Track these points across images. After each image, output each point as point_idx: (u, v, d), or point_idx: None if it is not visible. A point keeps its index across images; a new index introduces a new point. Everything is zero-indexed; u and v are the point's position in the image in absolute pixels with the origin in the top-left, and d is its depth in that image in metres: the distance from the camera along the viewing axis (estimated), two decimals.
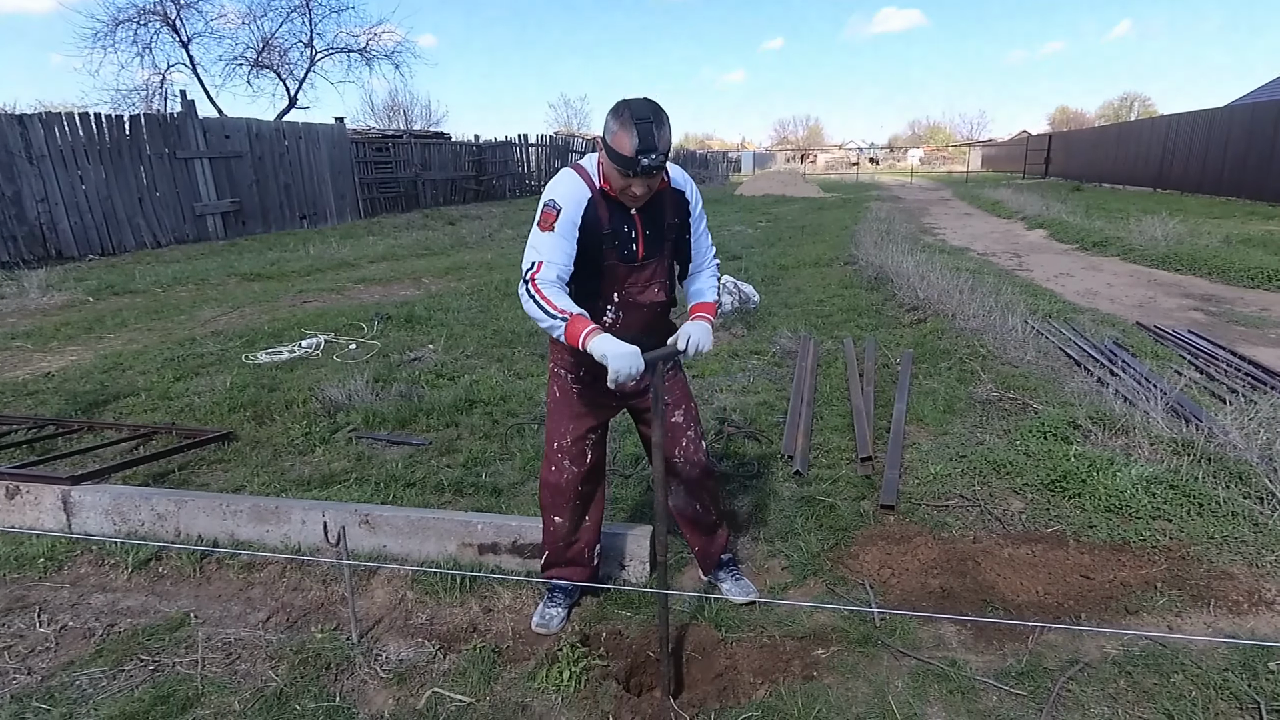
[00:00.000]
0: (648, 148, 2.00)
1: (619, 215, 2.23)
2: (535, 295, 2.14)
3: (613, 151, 2.05)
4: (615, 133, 2.03)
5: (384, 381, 5.22)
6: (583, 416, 2.52)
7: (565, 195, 2.18)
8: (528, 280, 2.16)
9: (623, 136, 2.02)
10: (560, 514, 2.60)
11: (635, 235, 2.26)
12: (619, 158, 2.04)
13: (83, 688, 2.35)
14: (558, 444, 2.53)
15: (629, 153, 2.01)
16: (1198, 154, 19.85)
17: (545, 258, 2.16)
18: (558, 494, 2.58)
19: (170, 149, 12.77)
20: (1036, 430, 3.72)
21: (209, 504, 3.20)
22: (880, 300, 7.74)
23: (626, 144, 2.01)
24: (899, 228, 14.38)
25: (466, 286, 9.30)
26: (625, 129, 2.01)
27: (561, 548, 2.64)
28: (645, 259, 2.30)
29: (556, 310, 2.11)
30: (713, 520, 2.72)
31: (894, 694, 2.22)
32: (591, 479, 2.60)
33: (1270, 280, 8.38)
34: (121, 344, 6.70)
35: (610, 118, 2.06)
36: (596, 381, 2.45)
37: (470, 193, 21.66)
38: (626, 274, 2.30)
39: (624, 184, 2.11)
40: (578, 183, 2.21)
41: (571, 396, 2.51)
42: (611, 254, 2.25)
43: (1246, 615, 2.48)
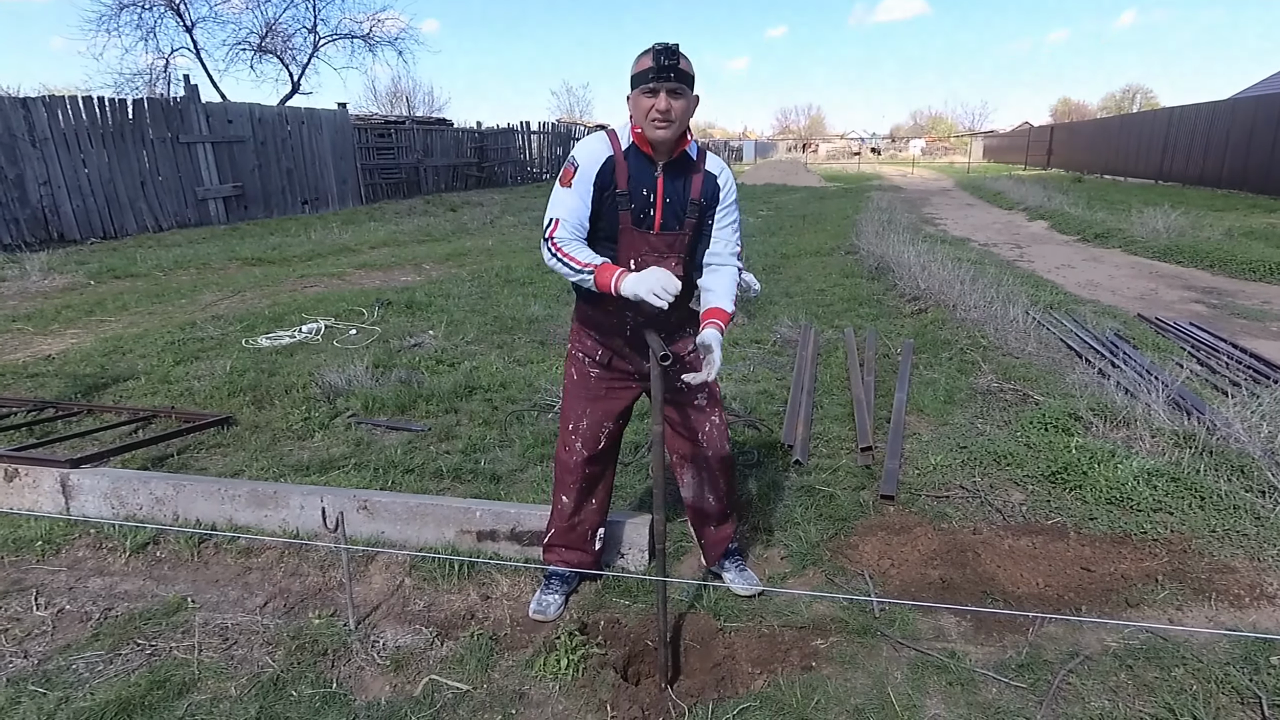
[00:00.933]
0: (663, 51, 2.07)
1: (640, 178, 2.23)
2: (557, 253, 2.21)
3: (634, 76, 2.13)
4: (636, 61, 2.13)
5: (384, 367, 5.21)
6: (599, 400, 2.52)
7: (585, 153, 2.22)
8: (547, 239, 2.22)
9: (643, 59, 2.11)
10: (566, 493, 2.61)
11: (654, 201, 2.25)
12: (639, 74, 2.11)
13: (79, 671, 2.34)
14: (572, 425, 2.53)
15: (648, 63, 2.08)
16: (1199, 147, 19.74)
17: (561, 215, 2.22)
18: (566, 473, 2.59)
19: (173, 133, 12.72)
20: (1037, 421, 3.70)
21: (207, 488, 3.19)
22: (881, 290, 7.71)
23: (645, 59, 2.10)
24: (900, 218, 14.33)
25: (467, 273, 9.27)
26: (645, 55, 2.11)
27: (565, 528, 2.64)
28: (662, 229, 2.28)
29: (580, 264, 2.18)
30: (724, 511, 2.69)
31: (893, 685, 2.21)
32: (600, 461, 2.59)
33: (1272, 273, 8.35)
34: (122, 327, 6.68)
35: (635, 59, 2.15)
36: (614, 366, 2.48)
37: (472, 179, 21.59)
38: (642, 241, 2.28)
39: (649, 105, 2.11)
40: (601, 141, 2.24)
41: (589, 380, 2.51)
42: (627, 217, 2.25)
43: (1248, 609, 2.47)
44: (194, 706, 2.19)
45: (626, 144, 2.23)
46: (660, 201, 2.25)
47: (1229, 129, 18.27)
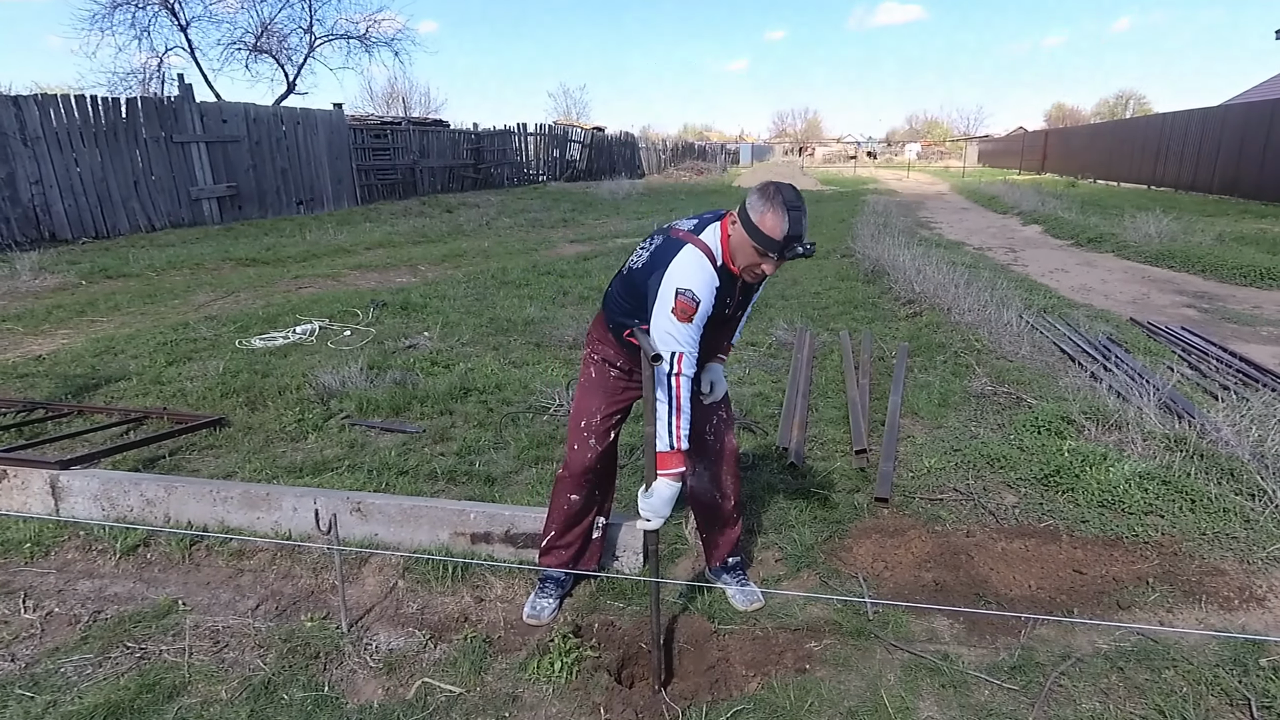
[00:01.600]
0: (797, 235, 2.08)
1: (727, 291, 2.29)
2: (676, 394, 2.18)
3: (758, 231, 2.09)
4: (763, 213, 2.09)
5: (378, 368, 5.19)
6: (615, 398, 2.57)
7: (702, 287, 2.18)
8: (673, 370, 2.17)
9: (773, 218, 2.07)
10: (578, 491, 2.62)
11: (730, 304, 2.36)
12: (765, 239, 2.09)
13: (67, 675, 2.33)
14: (586, 422, 2.56)
15: (778, 236, 2.07)
16: (1191, 152, 19.86)
17: (686, 350, 2.19)
18: (581, 471, 2.59)
19: (167, 132, 12.65)
20: (1031, 425, 3.71)
21: (199, 490, 3.17)
22: (877, 293, 7.73)
23: (777, 227, 2.07)
24: (896, 221, 14.38)
25: (463, 274, 9.26)
26: (776, 212, 2.07)
27: (571, 523, 2.66)
28: (731, 317, 2.41)
29: (678, 427, 2.19)
30: (729, 511, 2.69)
31: (886, 687, 2.21)
32: (609, 455, 2.64)
33: (1262, 278, 8.42)
34: (114, 327, 6.65)
35: (757, 197, 2.12)
36: (630, 373, 2.55)
37: (468, 181, 21.55)
38: (719, 324, 2.37)
39: (757, 262, 2.16)
40: (708, 270, 2.21)
41: (608, 379, 2.57)
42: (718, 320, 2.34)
43: (1237, 611, 2.49)
44: (184, 710, 2.18)
45: (719, 263, 2.25)
46: (738, 299, 2.38)
47: (1221, 135, 18.40)
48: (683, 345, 2.18)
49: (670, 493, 2.20)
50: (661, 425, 2.17)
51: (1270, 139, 16.22)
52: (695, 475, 2.65)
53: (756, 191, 2.14)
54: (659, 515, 2.21)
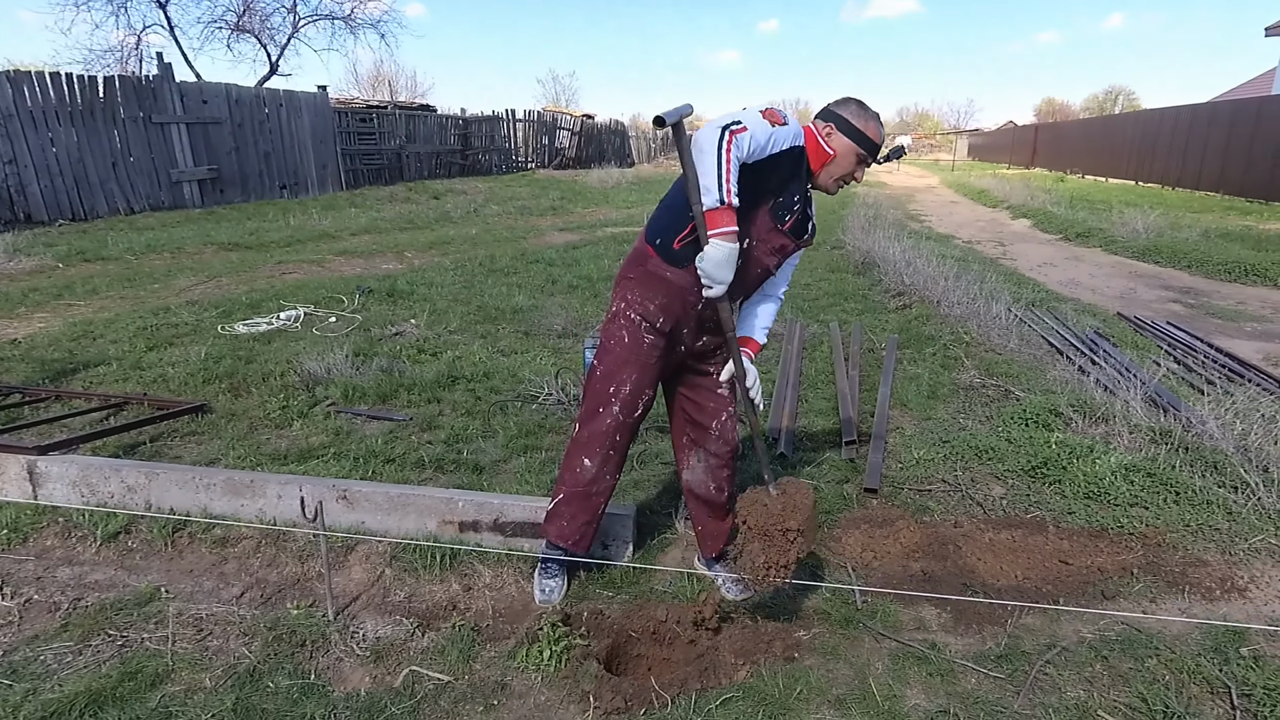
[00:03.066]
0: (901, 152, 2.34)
1: (799, 184, 2.30)
2: (724, 150, 1.99)
3: (862, 136, 2.24)
4: (866, 120, 2.25)
5: (364, 356, 5.14)
6: (650, 367, 2.41)
7: (793, 123, 2.21)
8: (728, 129, 2.00)
9: (874, 126, 2.25)
10: (590, 456, 2.47)
11: (795, 209, 2.32)
12: (868, 143, 2.25)
13: (47, 662, 2.29)
14: (615, 389, 2.41)
15: (879, 140, 2.26)
16: (1179, 149, 19.98)
17: (751, 130, 2.05)
18: (595, 436, 2.45)
19: (145, 113, 12.42)
20: (1018, 417, 3.74)
21: (181, 476, 3.13)
22: (867, 285, 7.75)
23: (877, 132, 2.26)
24: (886, 214, 14.39)
25: (451, 261, 9.20)
26: (873, 121, 2.26)
27: (579, 493, 2.51)
28: (790, 231, 2.34)
29: (726, 182, 1.99)
30: (724, 503, 2.65)
31: (874, 676, 2.22)
32: (633, 432, 2.51)
33: (1247, 274, 8.52)
34: (92, 312, 6.55)
35: (855, 108, 2.26)
36: (670, 335, 2.40)
37: (456, 167, 21.36)
38: (768, 229, 2.30)
39: (852, 169, 2.29)
40: (798, 133, 2.24)
41: (641, 345, 2.39)
42: (769, 200, 2.26)
43: (1219, 601, 2.51)
44: (167, 698, 2.15)
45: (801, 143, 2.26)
46: (796, 215, 2.33)
47: (1208, 132, 18.49)
48: (750, 124, 2.05)
49: (723, 254, 2.01)
50: (710, 178, 1.98)
51: (1257, 136, 16.33)
52: (690, 469, 2.63)
53: (849, 104, 2.27)
54: (719, 281, 2.05)
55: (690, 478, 2.63)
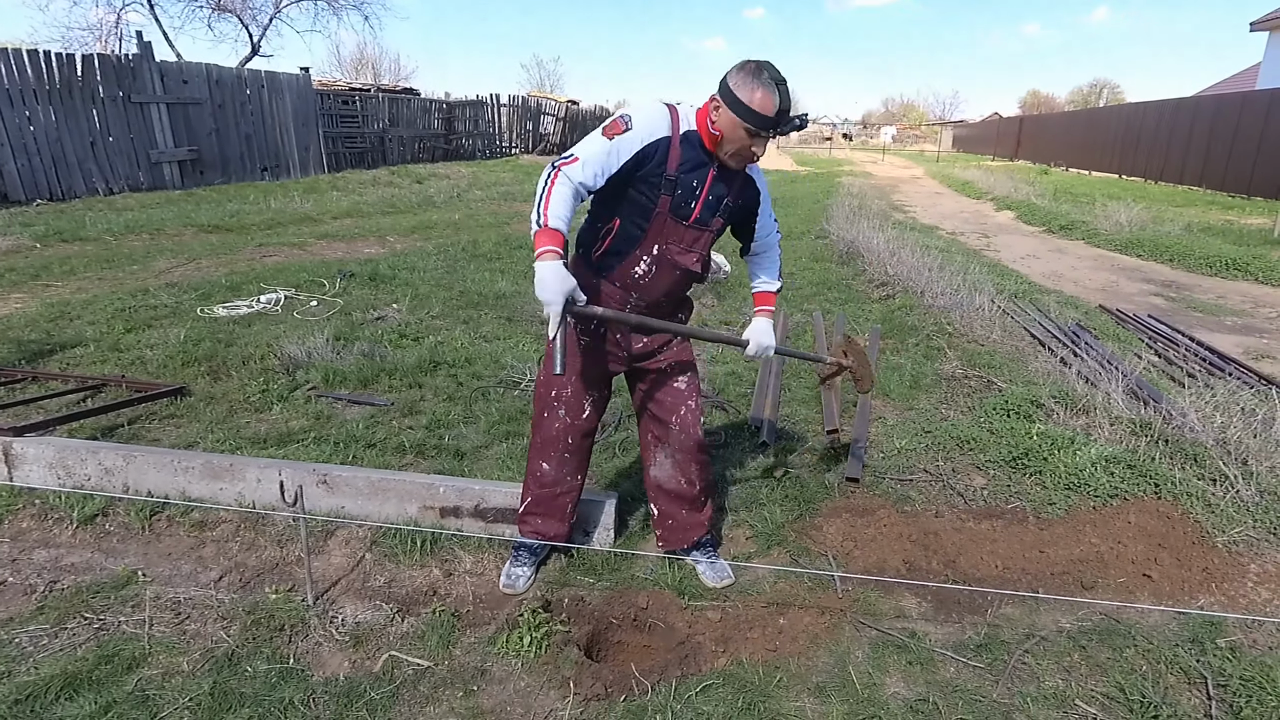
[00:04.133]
0: (787, 106, 2.00)
1: (694, 166, 2.16)
2: (549, 184, 2.05)
3: (745, 109, 2.00)
4: (749, 89, 2.00)
5: (345, 340, 5.09)
6: (589, 368, 2.45)
7: (642, 121, 2.11)
8: (555, 165, 2.07)
9: (763, 94, 1.99)
10: (547, 460, 2.53)
11: (699, 195, 2.20)
12: (755, 115, 2.00)
13: (22, 645, 2.26)
14: (556, 391, 2.46)
15: (769, 110, 2.00)
16: (1162, 143, 20.11)
17: (585, 156, 2.07)
18: (548, 440, 2.51)
19: (125, 92, 12.18)
20: (1000, 408, 3.76)
21: (159, 459, 3.09)
22: (850, 275, 7.76)
23: (766, 101, 1.99)
24: (871, 204, 14.43)
25: (433, 246, 9.11)
26: (766, 87, 1.99)
27: (545, 495, 2.57)
28: (696, 222, 2.24)
29: (545, 210, 2.03)
30: (696, 495, 2.63)
31: (854, 664, 2.23)
32: (585, 435, 2.53)
33: (1228, 268, 8.61)
34: (70, 292, 6.44)
35: (743, 74, 2.02)
36: (605, 339, 2.43)
37: (439, 151, 21.17)
38: (673, 230, 2.23)
39: (746, 143, 2.08)
40: (661, 119, 2.13)
41: (579, 347, 2.44)
42: (668, 202, 2.18)
43: (1198, 593, 2.54)
44: (144, 681, 2.13)
45: (687, 128, 2.14)
46: (704, 196, 2.21)
47: (1192, 126, 18.60)
48: (584, 152, 2.07)
49: (547, 272, 1.98)
50: (534, 211, 2.05)
51: (1239, 131, 16.44)
52: (657, 464, 2.61)
53: (737, 71, 2.04)
54: (548, 302, 1.99)
55: (658, 474, 2.62)
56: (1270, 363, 5.24)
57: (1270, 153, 15.35)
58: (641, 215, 2.20)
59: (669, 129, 2.13)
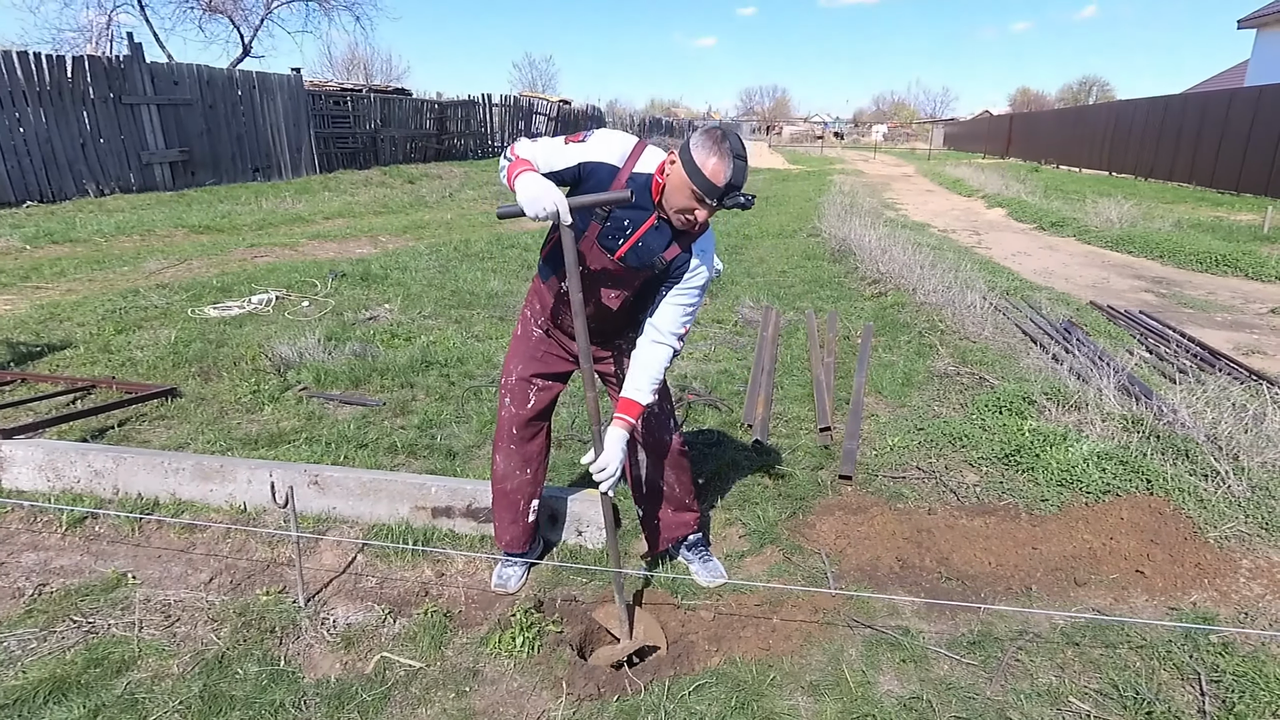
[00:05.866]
0: (738, 183, 1.96)
1: (630, 210, 2.11)
2: (509, 150, 2.12)
3: (697, 172, 1.95)
4: (705, 154, 1.95)
5: (337, 340, 5.07)
6: (534, 360, 2.47)
7: (599, 142, 2.12)
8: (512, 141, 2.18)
9: (717, 163, 1.94)
10: (499, 453, 2.57)
11: (630, 235, 2.15)
12: (704, 181, 1.95)
13: (10, 649, 2.25)
14: (505, 380, 2.51)
15: (718, 181, 1.95)
16: (1152, 139, 20.17)
17: (542, 147, 2.13)
18: (497, 432, 2.56)
19: (115, 93, 12.12)
20: (993, 404, 3.76)
21: (149, 461, 3.07)
22: (842, 273, 7.76)
23: (717, 171, 1.94)
24: (862, 202, 14.44)
25: (425, 246, 9.09)
26: (722, 158, 1.94)
27: (499, 490, 2.58)
28: (622, 260, 2.17)
29: (511, 153, 2.10)
30: (678, 495, 2.62)
31: (847, 661, 2.23)
32: (530, 427, 2.52)
33: (1217, 265, 8.63)
34: (59, 294, 6.41)
35: (706, 139, 1.98)
36: (553, 336, 2.45)
37: (431, 151, 21.09)
38: (598, 260, 2.18)
39: (691, 207, 2.02)
40: (619, 149, 2.12)
41: (530, 338, 2.48)
42: (596, 228, 2.15)
43: (1190, 588, 2.54)
44: (134, 685, 2.12)
45: (644, 170, 2.10)
46: (635, 238, 2.15)
47: (1180, 123, 18.67)
48: (542, 145, 2.14)
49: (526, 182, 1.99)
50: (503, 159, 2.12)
51: (1228, 128, 16.51)
52: (634, 464, 2.60)
53: (702, 134, 2.00)
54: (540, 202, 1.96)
55: (637, 475, 2.62)
56: (1260, 358, 5.26)
57: (1258, 149, 15.42)
58: (575, 236, 2.13)
59: (620, 160, 2.10)
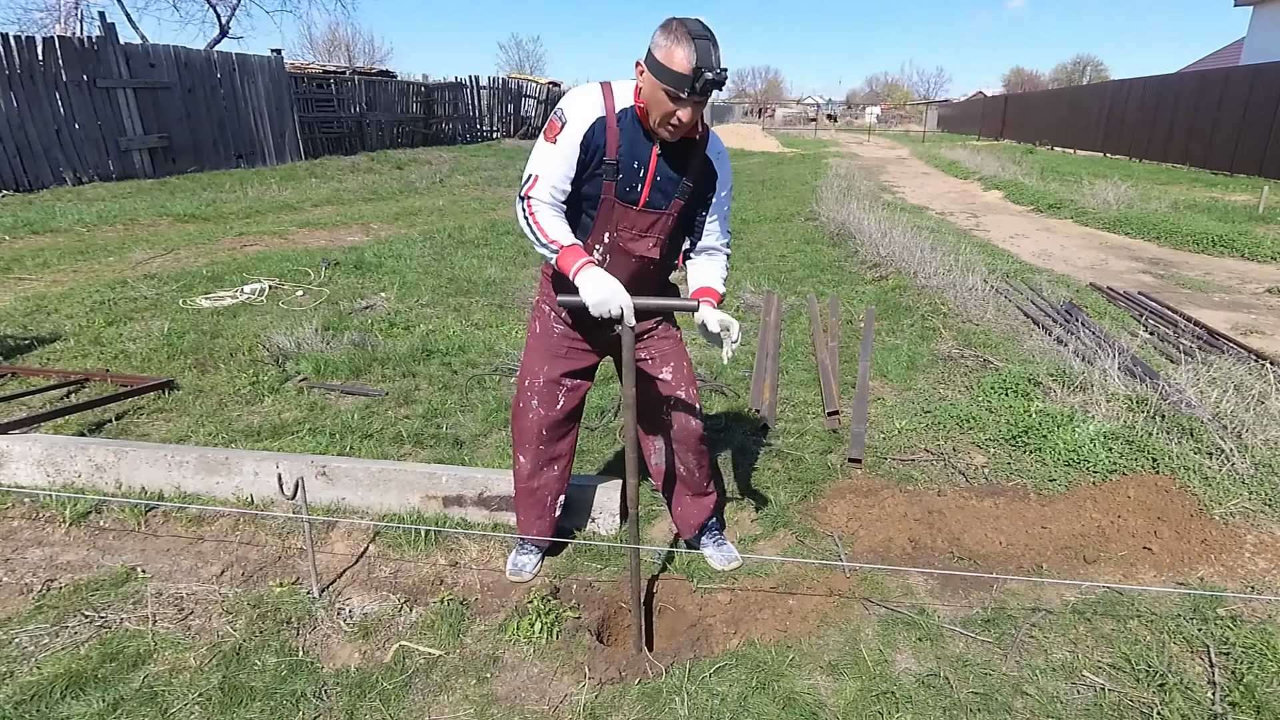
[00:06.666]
0: (706, 64, 1.81)
1: (634, 148, 2.04)
2: (529, 217, 2.06)
3: (662, 69, 1.84)
4: (666, 48, 1.83)
5: (334, 330, 5.02)
6: (559, 359, 2.39)
7: (574, 108, 2.02)
8: (523, 197, 2.07)
9: (677, 51, 1.82)
10: (524, 454, 2.50)
11: (644, 175, 2.07)
12: (671, 75, 1.83)
13: (23, 645, 2.22)
14: (529, 382, 2.41)
15: (685, 69, 1.81)
16: (1147, 120, 20.07)
17: (540, 172, 2.05)
18: (522, 433, 2.47)
19: (89, 77, 11.78)
20: (998, 386, 3.77)
21: (152, 454, 3.03)
22: (842, 256, 7.76)
23: (683, 60, 1.81)
24: (859, 185, 14.40)
25: (418, 233, 9.01)
26: (680, 44, 1.82)
27: (524, 490, 2.54)
28: (648, 206, 2.10)
29: (547, 239, 2.04)
30: (699, 482, 2.60)
31: (864, 642, 2.25)
32: (560, 425, 2.47)
33: (1214, 245, 8.64)
34: (45, 285, 6.30)
35: (659, 34, 1.87)
36: (581, 324, 2.35)
37: (419, 136, 20.88)
38: (623, 215, 2.11)
39: (669, 110, 1.90)
40: (593, 98, 2.02)
41: (551, 335, 2.38)
42: (612, 188, 2.07)
43: (1197, 564, 2.57)
44: (151, 678, 2.10)
45: (624, 105, 2.01)
46: (651, 177, 2.07)
47: (1175, 103, 18.56)
48: (538, 168, 2.04)
49: (591, 283, 1.95)
50: (540, 246, 2.05)
51: (1223, 108, 16.42)
52: (656, 453, 2.58)
53: (659, 29, 1.88)
54: (607, 305, 1.93)
55: (658, 461, 2.60)
56: (1259, 338, 5.30)
57: (1254, 129, 15.33)
58: (591, 204, 2.12)
59: (602, 108, 2.01)
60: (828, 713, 2.00)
